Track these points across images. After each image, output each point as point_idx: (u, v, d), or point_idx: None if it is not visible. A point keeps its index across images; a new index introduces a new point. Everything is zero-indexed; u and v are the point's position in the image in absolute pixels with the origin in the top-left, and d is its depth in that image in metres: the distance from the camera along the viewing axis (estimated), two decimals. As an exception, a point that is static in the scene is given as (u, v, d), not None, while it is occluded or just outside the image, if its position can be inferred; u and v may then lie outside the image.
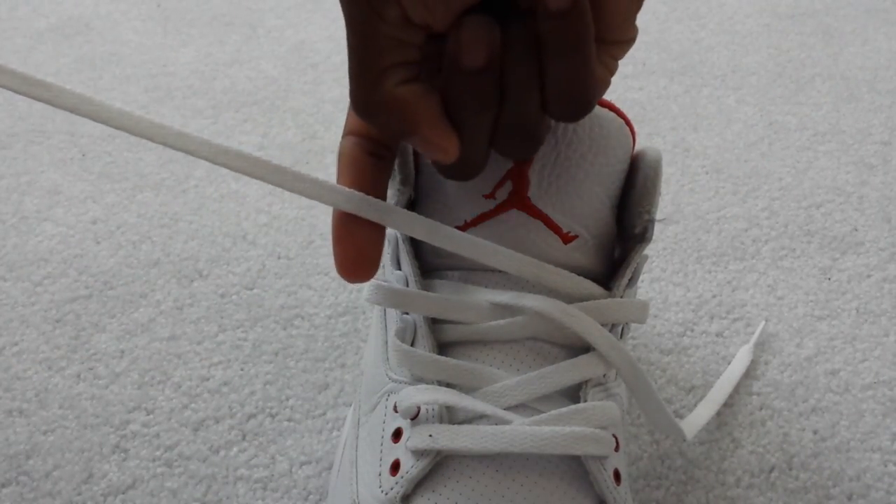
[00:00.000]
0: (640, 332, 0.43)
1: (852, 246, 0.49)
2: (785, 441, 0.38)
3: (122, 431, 0.38)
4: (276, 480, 0.36)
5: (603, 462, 0.27)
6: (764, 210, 0.52)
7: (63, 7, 0.75)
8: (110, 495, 0.35)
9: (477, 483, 0.26)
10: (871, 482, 0.36)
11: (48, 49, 0.68)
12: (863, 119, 0.61)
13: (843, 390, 0.40)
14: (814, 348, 0.42)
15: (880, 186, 0.54)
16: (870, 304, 0.45)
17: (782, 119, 0.61)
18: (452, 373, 0.28)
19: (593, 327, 0.28)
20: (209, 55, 0.68)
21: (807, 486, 0.36)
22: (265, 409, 0.39)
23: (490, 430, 0.27)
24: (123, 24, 0.72)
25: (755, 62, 0.68)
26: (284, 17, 0.74)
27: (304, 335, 0.43)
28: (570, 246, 0.29)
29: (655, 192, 0.31)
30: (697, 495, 0.36)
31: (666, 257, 0.48)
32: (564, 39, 0.21)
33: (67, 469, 0.36)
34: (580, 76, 0.22)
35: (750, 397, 0.40)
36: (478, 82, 0.22)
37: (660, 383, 0.41)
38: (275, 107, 0.61)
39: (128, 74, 0.65)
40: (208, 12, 0.74)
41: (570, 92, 0.22)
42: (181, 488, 0.36)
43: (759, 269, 0.47)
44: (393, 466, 0.28)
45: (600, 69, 0.24)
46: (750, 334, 0.43)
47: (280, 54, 0.68)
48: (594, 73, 0.22)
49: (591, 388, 0.28)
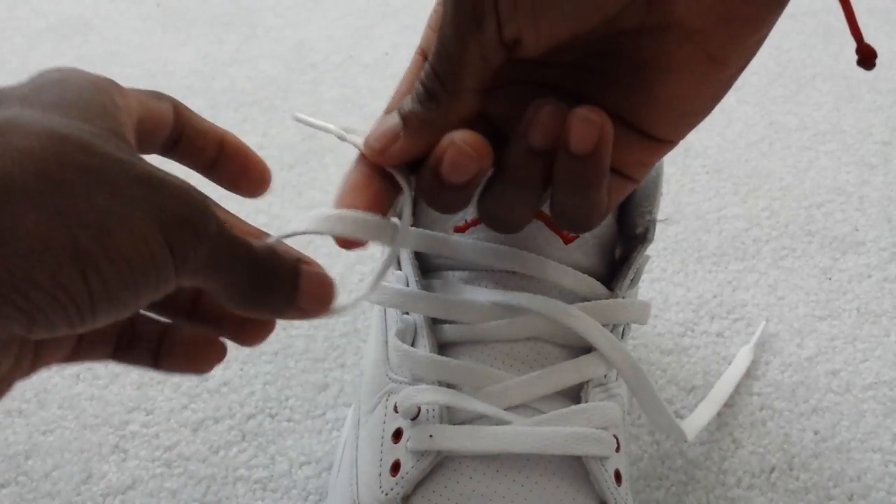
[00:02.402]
0: (641, 333, 0.43)
1: (853, 246, 0.49)
2: (786, 441, 0.38)
3: (122, 432, 0.38)
4: (275, 481, 0.36)
5: (604, 462, 0.27)
6: (764, 210, 0.52)
7: (62, 6, 0.74)
8: (110, 495, 0.35)
9: (477, 483, 0.26)
10: (871, 482, 0.36)
11: (47, 49, 0.68)
12: (863, 119, 0.61)
13: (844, 390, 0.40)
14: (814, 348, 0.42)
15: (881, 186, 0.54)
16: (870, 304, 0.45)
17: (783, 119, 0.61)
18: (453, 373, 0.28)
19: (594, 327, 0.28)
20: (208, 55, 0.68)
21: (807, 487, 0.36)
22: (265, 410, 0.39)
23: (490, 431, 0.27)
24: (122, 24, 0.72)
25: (756, 62, 0.68)
26: (284, 16, 0.74)
27: (303, 335, 0.43)
28: (571, 246, 0.29)
29: (657, 192, 0.31)
30: (698, 496, 0.36)
31: (666, 257, 0.48)
32: (579, 179, 0.22)
33: (67, 469, 0.36)
34: (584, 210, 0.23)
35: (750, 397, 0.40)
36: (534, 162, 0.22)
37: (660, 384, 0.41)
38: (274, 106, 0.61)
39: (127, 74, 0.65)
40: (207, 12, 0.74)
41: (573, 218, 0.23)
42: (180, 488, 0.35)
43: (759, 269, 0.47)
44: (393, 467, 0.28)
45: (608, 197, 0.23)
46: (750, 334, 0.43)
47: (279, 54, 0.68)
48: (600, 205, 0.23)
49: (592, 388, 0.28)
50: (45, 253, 0.16)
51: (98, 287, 0.17)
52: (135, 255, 0.17)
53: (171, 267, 0.18)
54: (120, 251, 0.17)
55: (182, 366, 0.23)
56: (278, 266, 0.20)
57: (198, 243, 0.18)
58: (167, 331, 0.23)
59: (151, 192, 0.18)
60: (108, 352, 0.23)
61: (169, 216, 0.18)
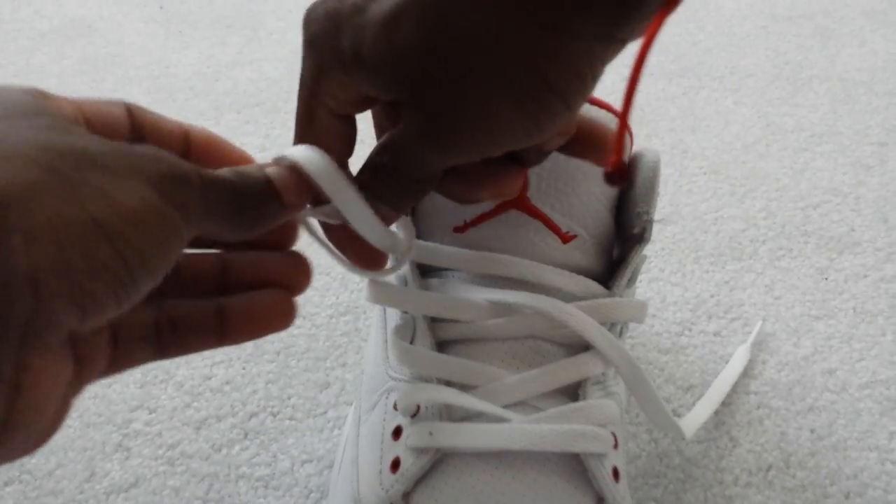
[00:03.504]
0: (639, 332, 0.43)
1: (849, 246, 0.49)
2: (782, 440, 0.38)
3: (125, 430, 0.38)
4: (277, 479, 0.36)
5: (602, 460, 0.27)
6: (761, 210, 0.52)
7: (65, 9, 0.75)
8: (113, 493, 0.36)
9: (476, 480, 0.27)
10: (868, 480, 0.37)
11: (50, 51, 0.68)
12: (860, 120, 0.61)
13: (840, 389, 0.41)
14: (811, 348, 0.43)
15: (877, 187, 0.54)
16: (866, 303, 0.45)
17: (780, 120, 0.61)
18: (452, 371, 0.28)
19: (592, 326, 0.28)
20: (211, 57, 0.68)
21: (804, 485, 0.36)
22: (267, 408, 0.39)
23: (489, 428, 0.27)
24: (126, 26, 0.73)
25: (753, 64, 0.68)
26: (286, 19, 0.74)
27: (305, 334, 0.43)
28: (570, 245, 0.30)
29: (654, 192, 0.31)
30: (695, 493, 0.36)
31: (664, 257, 0.48)
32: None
33: (70, 467, 0.36)
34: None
35: (748, 396, 0.40)
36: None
37: (658, 382, 0.41)
38: (276, 108, 0.61)
39: (130, 76, 0.65)
40: (210, 14, 0.75)
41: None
42: (183, 486, 0.36)
43: (756, 269, 0.48)
44: (393, 464, 0.28)
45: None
46: (747, 334, 0.43)
47: (282, 56, 0.68)
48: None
49: (590, 386, 0.29)
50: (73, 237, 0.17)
51: (130, 253, 0.17)
52: (145, 215, 0.18)
53: (178, 217, 0.19)
54: (133, 214, 0.18)
55: (254, 327, 0.24)
56: (248, 179, 0.22)
57: (188, 190, 0.19)
58: (220, 306, 0.24)
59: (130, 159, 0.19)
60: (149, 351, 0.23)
61: (155, 175, 0.19)
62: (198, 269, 0.24)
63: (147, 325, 0.23)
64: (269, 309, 0.24)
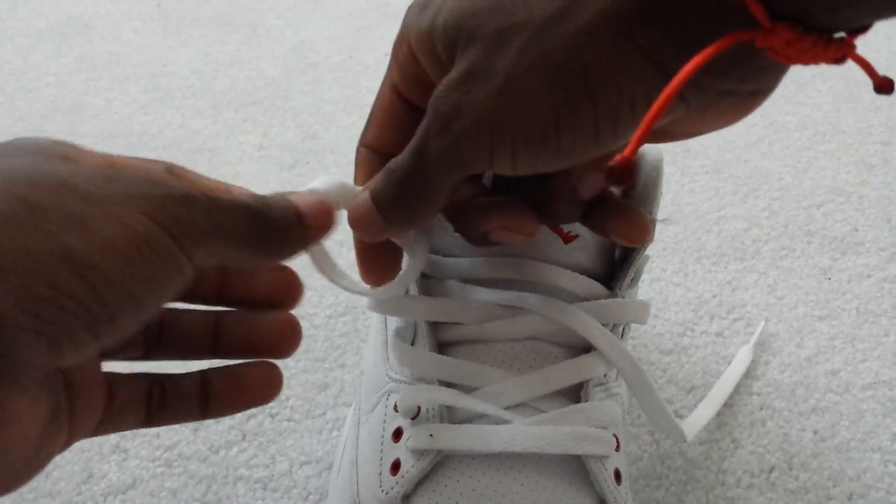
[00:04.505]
0: (641, 332, 0.43)
1: (852, 246, 0.49)
2: (785, 441, 0.38)
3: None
4: (276, 480, 0.36)
5: (603, 462, 0.27)
6: (764, 210, 0.52)
7: (63, 7, 0.75)
8: (110, 495, 0.35)
9: (477, 483, 0.26)
10: (871, 482, 0.36)
11: (48, 49, 0.68)
12: (863, 119, 0.61)
13: (843, 390, 0.40)
14: (814, 348, 0.42)
15: (880, 186, 0.54)
16: (870, 303, 0.45)
17: (782, 119, 0.61)
18: (453, 372, 0.28)
19: (594, 327, 0.28)
20: (209, 55, 0.68)
21: (807, 487, 0.36)
22: (265, 409, 0.39)
23: (490, 430, 0.27)
24: (123, 24, 0.72)
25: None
26: (284, 17, 0.74)
27: (303, 335, 0.43)
28: (572, 246, 0.29)
29: (656, 192, 0.31)
30: (697, 495, 0.36)
31: (666, 257, 0.48)
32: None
33: (67, 469, 0.36)
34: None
35: (750, 397, 0.40)
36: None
37: (660, 383, 0.41)
38: (275, 107, 0.61)
39: (128, 74, 0.65)
40: (208, 12, 0.74)
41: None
42: (181, 488, 0.36)
43: (759, 269, 0.47)
44: (393, 466, 0.28)
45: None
46: (750, 334, 0.43)
47: (280, 54, 0.68)
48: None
49: (592, 387, 0.28)
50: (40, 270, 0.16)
51: (99, 281, 0.17)
52: (125, 245, 0.17)
53: (175, 247, 0.18)
54: (109, 243, 0.17)
55: (238, 402, 0.24)
56: (271, 204, 0.21)
57: (191, 211, 0.19)
58: (206, 378, 0.24)
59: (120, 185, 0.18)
60: (141, 414, 0.23)
61: (148, 200, 0.18)
62: (192, 328, 0.24)
63: (141, 391, 0.23)
64: (254, 385, 0.24)
